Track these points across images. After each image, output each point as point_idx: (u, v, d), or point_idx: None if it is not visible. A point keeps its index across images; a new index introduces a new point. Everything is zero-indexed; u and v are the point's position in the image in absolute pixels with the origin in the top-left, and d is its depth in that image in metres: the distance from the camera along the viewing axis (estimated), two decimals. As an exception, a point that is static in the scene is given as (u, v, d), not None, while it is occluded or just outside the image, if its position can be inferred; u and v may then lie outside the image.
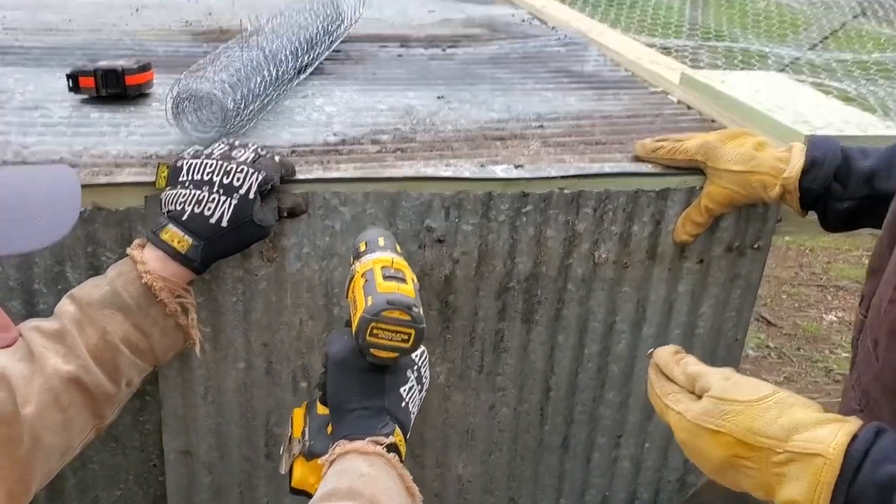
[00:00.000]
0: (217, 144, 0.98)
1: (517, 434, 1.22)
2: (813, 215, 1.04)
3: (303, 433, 0.86)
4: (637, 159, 1.12)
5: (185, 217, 0.91)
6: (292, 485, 0.85)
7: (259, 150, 0.98)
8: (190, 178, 0.93)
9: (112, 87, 1.23)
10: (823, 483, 0.63)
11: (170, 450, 1.11)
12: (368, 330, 0.78)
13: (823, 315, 2.69)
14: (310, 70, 1.41)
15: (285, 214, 1.00)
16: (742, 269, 1.16)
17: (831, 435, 0.65)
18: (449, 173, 1.05)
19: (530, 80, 1.50)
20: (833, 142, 1.00)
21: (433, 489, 1.23)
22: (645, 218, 1.11)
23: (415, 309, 0.78)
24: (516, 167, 1.08)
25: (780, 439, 0.67)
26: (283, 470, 0.87)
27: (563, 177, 1.07)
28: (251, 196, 0.92)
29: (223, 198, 0.91)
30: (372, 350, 0.79)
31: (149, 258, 0.90)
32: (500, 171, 1.07)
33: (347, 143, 1.13)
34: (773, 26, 2.32)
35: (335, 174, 1.01)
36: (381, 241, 0.89)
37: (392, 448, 0.78)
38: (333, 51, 1.57)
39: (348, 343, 0.82)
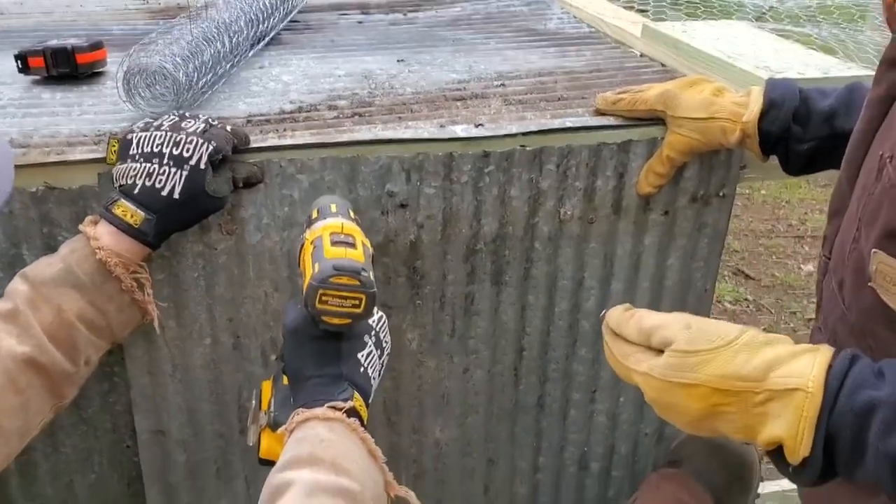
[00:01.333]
0: (166, 116, 0.96)
1: (492, 396, 1.22)
2: (775, 159, 1.03)
3: (269, 404, 0.85)
4: (598, 113, 1.11)
5: (136, 191, 0.89)
6: (260, 455, 0.84)
7: (210, 120, 0.96)
8: (140, 151, 0.91)
9: (62, 67, 1.20)
10: (806, 417, 0.63)
11: (142, 430, 1.10)
12: (318, 297, 0.77)
13: (801, 265, 2.71)
14: (266, 40, 1.38)
15: (241, 185, 0.98)
16: (708, 219, 1.16)
17: (808, 367, 0.64)
18: (407, 134, 1.03)
19: (493, 40, 1.48)
20: (791, 83, 0.99)
21: (411, 455, 1.23)
22: (608, 172, 1.10)
23: (363, 273, 0.77)
24: (476, 126, 1.07)
25: (757, 380, 0.65)
26: (251, 442, 0.86)
27: (523, 133, 1.06)
28: (202, 166, 0.90)
29: (174, 169, 0.89)
30: (323, 317, 0.78)
31: (101, 234, 0.88)
32: (460, 130, 1.06)
33: (304, 111, 1.11)
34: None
35: (290, 141, 1.00)
36: (333, 208, 0.87)
37: (352, 413, 0.78)
38: (291, 21, 1.54)
39: (301, 312, 0.81)
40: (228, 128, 0.96)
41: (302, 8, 1.62)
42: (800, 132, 0.97)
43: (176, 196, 0.89)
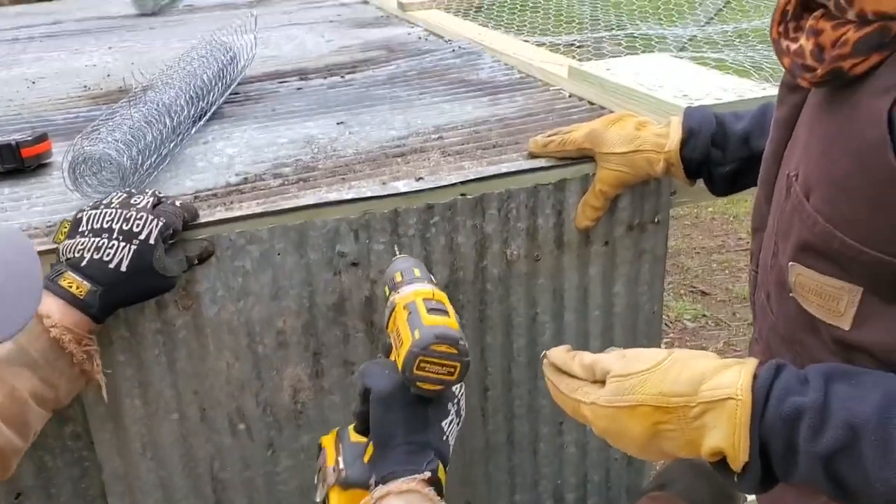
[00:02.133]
0: (115, 194, 0.99)
1: (463, 438, 1.24)
2: (702, 182, 1.09)
3: (337, 462, 0.87)
4: (532, 156, 1.16)
5: (83, 263, 0.91)
6: None
7: (158, 194, 0.99)
8: (89, 227, 0.94)
9: (8, 163, 1.22)
10: (740, 423, 0.66)
11: (117, 512, 1.11)
12: (416, 364, 0.79)
13: (754, 277, 2.78)
14: (208, 116, 1.42)
15: (196, 262, 1.01)
16: (647, 245, 1.21)
17: (736, 377, 0.68)
18: (351, 195, 1.07)
19: (428, 95, 1.54)
20: (706, 111, 1.05)
21: None
22: (547, 210, 1.14)
23: (461, 342, 0.80)
24: (417, 180, 1.11)
25: (690, 394, 0.69)
26: (319, 499, 0.88)
27: (463, 182, 1.11)
28: (152, 241, 0.92)
29: (123, 244, 0.92)
30: (418, 383, 0.80)
31: (51, 309, 0.89)
32: (402, 185, 1.10)
33: (249, 181, 1.14)
34: (670, 9, 2.41)
35: (238, 213, 1.03)
36: (417, 272, 0.91)
37: (435, 482, 0.80)
38: (232, 93, 1.58)
39: (392, 377, 0.83)
40: (178, 203, 0.99)
41: (241, 80, 1.67)
42: (720, 156, 1.03)
43: (123, 269, 0.91)
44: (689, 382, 0.70)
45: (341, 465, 0.85)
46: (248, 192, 1.11)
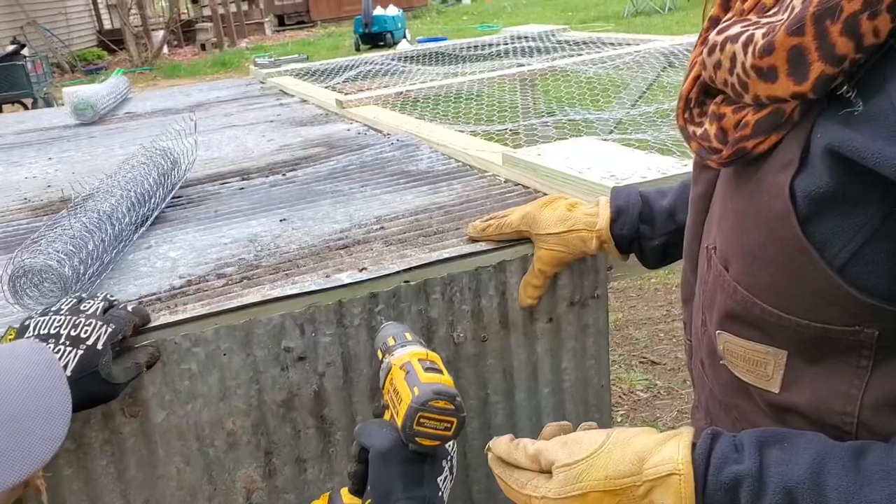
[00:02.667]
0: (65, 300, 0.99)
1: (422, 528, 1.23)
2: (634, 257, 1.13)
3: None
4: (472, 240, 1.20)
5: None
6: None
7: (109, 298, 0.99)
8: (36, 333, 0.93)
9: (-54, 279, 1.21)
10: (685, 497, 0.68)
11: None
12: (416, 419, 0.82)
13: (702, 344, 2.84)
14: (150, 220, 1.43)
15: (145, 369, 1.00)
16: (589, 319, 1.24)
17: (675, 451, 0.70)
18: (295, 290, 1.09)
19: (369, 187, 1.58)
20: (632, 190, 1.10)
21: None
22: (490, 291, 1.17)
23: (457, 399, 0.84)
24: (360, 270, 1.13)
25: (635, 473, 0.70)
26: None
27: (405, 270, 1.13)
28: (99, 347, 0.92)
29: (69, 349, 0.91)
30: (417, 438, 0.83)
31: None
32: (345, 277, 1.12)
33: (193, 283, 1.15)
34: (596, 95, 2.53)
35: (182, 316, 1.03)
36: (408, 336, 0.95)
37: None
38: (174, 197, 1.60)
39: (390, 434, 0.86)
40: (129, 308, 0.99)
41: (183, 183, 1.69)
42: (648, 231, 1.08)
43: (69, 373, 0.90)
44: (633, 462, 0.71)
45: None
46: (192, 294, 1.11)
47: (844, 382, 0.67)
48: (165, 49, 15.36)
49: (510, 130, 2.33)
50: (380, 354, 0.97)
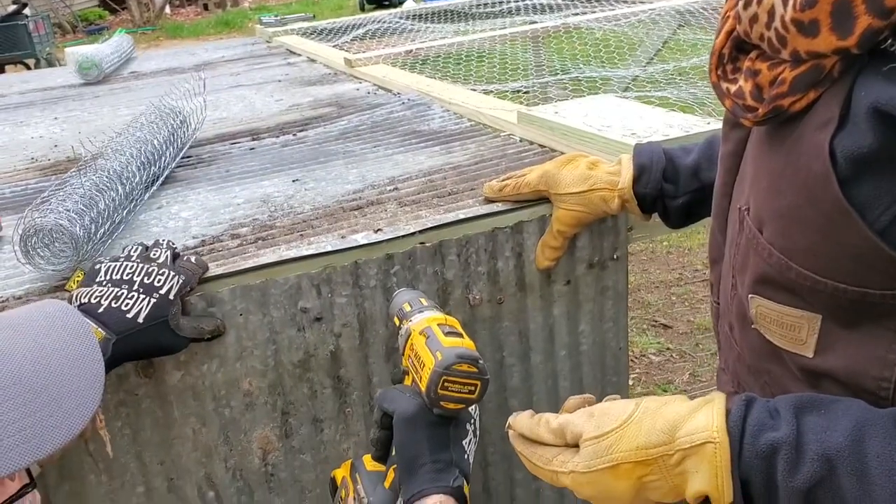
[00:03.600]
0: (132, 247, 1.00)
1: (438, 490, 1.22)
2: (657, 217, 1.11)
3: (356, 492, 0.89)
4: (488, 201, 1.17)
5: (100, 310, 0.90)
6: None
7: (172, 245, 0.99)
8: (108, 278, 0.94)
9: (-43, 239, 1.20)
10: (721, 466, 0.66)
11: None
12: (440, 383, 0.82)
13: (713, 307, 2.83)
14: (161, 180, 1.41)
15: (207, 337, 0.99)
16: (608, 281, 1.22)
17: (708, 420, 0.68)
18: (311, 250, 1.07)
19: (381, 147, 1.55)
20: (656, 146, 1.08)
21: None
22: (507, 253, 1.15)
23: (480, 362, 0.83)
24: (376, 231, 1.11)
25: (666, 443, 0.69)
26: None
27: (421, 231, 1.11)
28: (171, 297, 0.93)
29: (142, 296, 0.92)
30: (442, 402, 0.83)
31: None
32: (361, 238, 1.10)
33: (207, 244, 1.13)
34: (612, 52, 2.48)
35: (196, 277, 1.01)
36: (423, 301, 0.95)
37: (461, 499, 0.82)
38: (184, 157, 1.58)
39: (413, 400, 0.86)
40: (193, 258, 1.00)
41: (193, 143, 1.66)
42: (672, 189, 1.05)
43: (140, 320, 0.90)
44: (665, 431, 0.69)
45: (362, 494, 0.88)
46: (207, 255, 1.09)
47: (881, 347, 0.65)
48: (167, 9, 15.17)
49: (523, 89, 2.29)
50: (396, 321, 0.96)
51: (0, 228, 1.25)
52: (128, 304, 0.91)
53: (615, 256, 1.21)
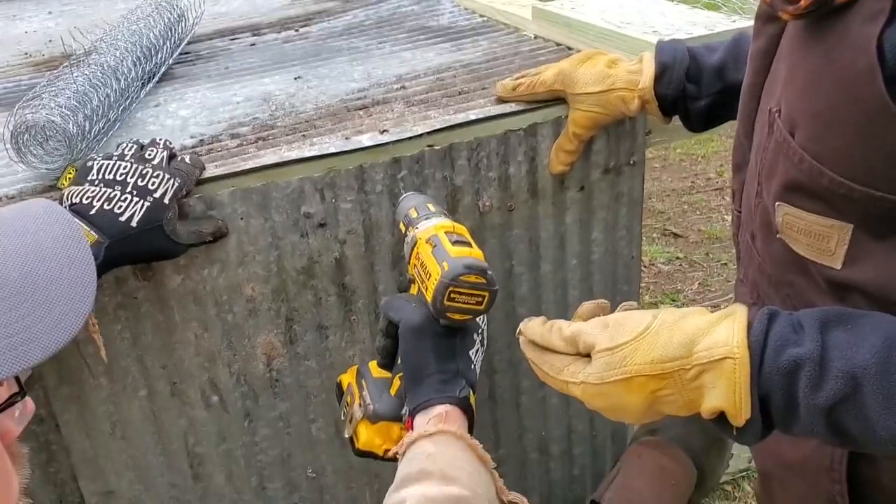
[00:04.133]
0: (126, 145, 0.95)
1: (444, 396, 1.22)
2: (678, 120, 1.05)
3: (362, 398, 0.88)
4: (500, 101, 1.12)
5: (92, 212, 0.86)
6: (358, 447, 0.87)
7: (168, 145, 0.95)
8: (101, 177, 0.89)
9: (-54, 136, 1.15)
10: (740, 383, 0.63)
11: (90, 494, 1.07)
12: (447, 294, 0.79)
13: (725, 217, 2.78)
14: (158, 77, 1.35)
15: (210, 240, 0.96)
16: (623, 188, 1.18)
17: (728, 334, 0.64)
18: (314, 152, 1.02)
19: (388, 44, 1.48)
20: (679, 44, 1.01)
21: (372, 469, 1.22)
22: (519, 158, 1.10)
23: (489, 272, 0.80)
24: (382, 132, 1.06)
25: (685, 356, 0.65)
26: (347, 435, 0.89)
27: (429, 133, 1.06)
28: (166, 201, 0.89)
29: (136, 199, 0.88)
30: (448, 314, 0.80)
31: None
32: (366, 139, 1.05)
33: (206, 143, 1.09)
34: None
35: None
36: (431, 207, 0.91)
37: (467, 409, 0.81)
38: (181, 53, 1.51)
39: (420, 310, 0.83)
40: (188, 159, 0.95)
41: (191, 38, 1.59)
42: (694, 90, 1.00)
43: (134, 224, 0.87)
44: (682, 345, 0.66)
45: (368, 401, 0.87)
46: (205, 155, 1.05)
47: None
48: None
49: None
50: (402, 227, 0.92)
51: (-8, 126, 1.21)
52: (121, 206, 0.87)
53: (632, 161, 1.16)
